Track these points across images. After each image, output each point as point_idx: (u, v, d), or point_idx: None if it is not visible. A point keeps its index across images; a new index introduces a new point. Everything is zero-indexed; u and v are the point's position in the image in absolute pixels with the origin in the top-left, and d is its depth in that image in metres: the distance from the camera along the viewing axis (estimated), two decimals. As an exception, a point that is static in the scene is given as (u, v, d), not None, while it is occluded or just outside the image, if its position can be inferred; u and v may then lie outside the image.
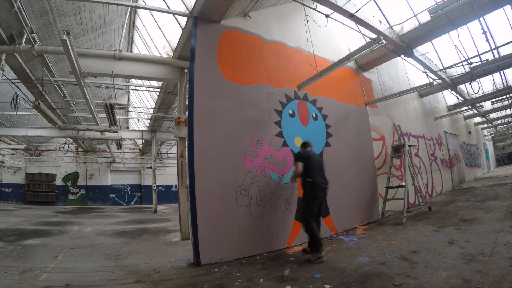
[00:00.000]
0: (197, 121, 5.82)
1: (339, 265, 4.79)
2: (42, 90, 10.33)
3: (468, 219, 7.07)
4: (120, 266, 5.58)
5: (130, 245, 7.78)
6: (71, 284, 4.49)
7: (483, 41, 9.13)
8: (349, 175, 8.33)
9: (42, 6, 8.58)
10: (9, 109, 12.46)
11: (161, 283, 4.48)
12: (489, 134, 31.78)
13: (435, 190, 13.08)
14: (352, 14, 6.75)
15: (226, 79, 6.42)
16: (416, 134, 12.48)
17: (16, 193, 22.90)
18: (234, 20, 6.91)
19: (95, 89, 15.50)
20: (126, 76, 10.71)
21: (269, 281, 4.28)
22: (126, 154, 27.03)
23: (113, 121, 12.57)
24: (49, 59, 9.77)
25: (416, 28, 8.44)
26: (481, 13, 7.46)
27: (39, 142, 23.29)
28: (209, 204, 5.62)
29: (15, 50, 7.84)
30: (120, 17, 12.03)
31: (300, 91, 7.67)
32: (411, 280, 3.80)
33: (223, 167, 5.93)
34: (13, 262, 5.76)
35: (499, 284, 3.36)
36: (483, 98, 14.68)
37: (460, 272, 3.86)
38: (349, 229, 7.81)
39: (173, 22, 8.67)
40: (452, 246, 5.14)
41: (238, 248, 5.76)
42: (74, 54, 6.95)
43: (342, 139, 8.43)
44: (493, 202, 8.94)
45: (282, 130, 7.05)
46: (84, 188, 25.31)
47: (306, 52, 8.03)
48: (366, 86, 10.08)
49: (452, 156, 16.82)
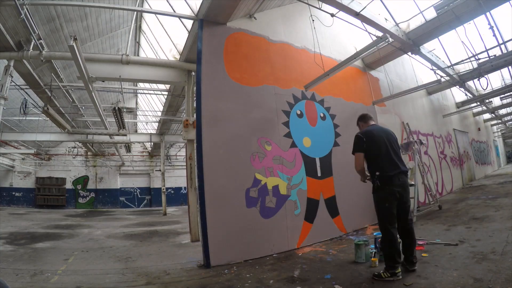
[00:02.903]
0: (205, 123, 5.84)
1: (349, 266, 4.76)
2: (50, 96, 10.45)
3: (479, 218, 6.99)
4: (130, 268, 5.61)
5: (140, 247, 7.83)
6: (82, 286, 4.54)
7: (490, 36, 9.04)
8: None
9: (49, 12, 8.67)
10: (18, 114, 12.58)
11: (171, 285, 4.50)
12: (499, 131, 31.39)
13: (445, 188, 12.96)
14: (358, 12, 6.72)
15: (233, 80, 6.43)
16: (425, 132, 12.37)
17: (27, 197, 23.12)
18: (240, 21, 6.92)
19: (103, 93, 15.64)
20: (133, 80, 10.81)
21: (279, 282, 4.27)
22: (135, 157, 27.16)
23: (122, 125, 12.66)
24: (57, 64, 9.88)
25: (423, 25, 8.37)
26: (488, 8, 7.38)
27: (48, 147, 23.49)
28: (218, 205, 5.64)
29: (23, 56, 7.94)
30: (127, 21, 12.10)
31: (307, 91, 7.65)
32: (422, 280, 3.77)
33: (231, 168, 5.94)
34: (24, 265, 5.82)
35: (511, 283, 3.32)
36: (491, 94, 14.53)
37: (471, 271, 3.82)
38: (359, 229, 7.78)
39: (179, 25, 8.70)
40: (463, 245, 5.09)
41: (247, 249, 5.76)
42: (82, 59, 7.02)
43: (350, 138, 8.29)
44: (504, 200, 8.82)
45: (290, 131, 7.04)
46: (94, 191, 25.48)
47: (313, 52, 8.01)
48: (374, 85, 10.03)
49: (462, 153, 16.63)
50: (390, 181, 4.19)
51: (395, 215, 4.17)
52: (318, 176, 7.30)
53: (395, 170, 4.25)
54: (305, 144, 7.17)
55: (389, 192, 4.16)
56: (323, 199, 7.25)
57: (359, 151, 4.47)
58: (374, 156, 4.39)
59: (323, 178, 7.40)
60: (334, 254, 5.62)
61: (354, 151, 4.54)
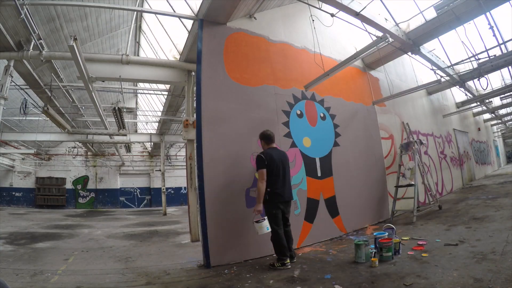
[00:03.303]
0: (205, 123, 5.83)
1: (349, 266, 4.77)
2: (50, 96, 10.45)
3: (479, 218, 7.00)
4: (130, 268, 5.61)
5: (140, 247, 7.83)
6: (82, 286, 4.53)
7: (490, 36, 9.05)
8: (358, 175, 8.29)
9: (49, 12, 8.67)
10: (18, 114, 12.59)
11: (171, 285, 4.49)
12: (499, 131, 31.43)
13: (445, 188, 12.96)
14: (358, 12, 6.72)
15: (233, 80, 6.42)
16: (425, 132, 12.38)
17: (27, 197, 23.17)
18: (240, 21, 6.92)
19: (103, 93, 15.65)
20: (133, 80, 10.81)
21: (279, 282, 4.27)
22: (135, 157, 27.20)
23: (122, 125, 12.67)
24: (57, 64, 9.88)
25: (423, 25, 8.37)
26: (488, 8, 7.37)
27: (48, 147, 23.53)
28: (218, 205, 5.63)
29: (23, 56, 7.94)
30: (127, 21, 12.10)
31: (307, 91, 7.65)
32: (422, 280, 3.77)
33: (232, 168, 5.93)
34: (24, 265, 5.82)
35: (511, 283, 3.32)
36: (491, 94, 14.54)
37: (471, 271, 3.82)
38: (359, 229, 7.77)
39: (179, 25, 8.70)
40: (463, 245, 5.10)
41: (247, 249, 5.75)
42: (82, 59, 7.02)
43: (350, 138, 8.39)
44: (504, 200, 8.83)
45: (290, 131, 7.03)
46: (94, 191, 25.53)
47: (313, 52, 8.01)
48: (374, 85, 10.03)
49: (462, 153, 16.64)
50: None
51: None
52: (318, 176, 7.30)
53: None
54: (305, 144, 7.17)
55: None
56: (323, 199, 7.24)
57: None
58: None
59: (323, 178, 7.40)
60: (334, 254, 5.62)
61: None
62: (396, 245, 5.03)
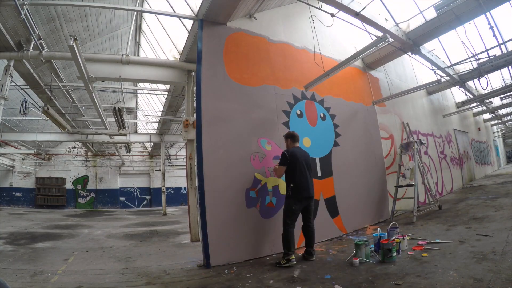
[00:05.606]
0: (205, 123, 5.83)
1: (349, 266, 4.77)
2: (50, 96, 10.45)
3: (479, 218, 6.99)
4: (130, 268, 5.61)
5: (140, 247, 7.83)
6: (82, 286, 4.53)
7: (490, 36, 9.05)
8: (358, 175, 8.30)
9: (49, 12, 8.67)
10: (18, 114, 12.59)
11: (171, 285, 4.50)
12: (499, 131, 31.43)
13: (445, 188, 12.97)
14: (358, 12, 6.72)
15: (233, 80, 6.42)
16: (425, 132, 12.38)
17: (27, 197, 23.16)
18: (240, 21, 6.92)
19: (103, 94, 15.66)
20: (133, 80, 10.80)
21: (279, 282, 4.27)
22: (135, 157, 27.20)
23: (122, 125, 12.66)
24: (57, 64, 9.87)
25: (423, 25, 8.37)
26: (488, 8, 7.38)
27: (48, 147, 23.54)
28: (218, 205, 5.63)
29: (23, 56, 7.94)
30: (127, 21, 12.11)
31: (307, 91, 7.65)
32: (422, 280, 3.77)
33: (232, 168, 5.93)
34: (24, 265, 5.82)
35: (511, 283, 3.32)
36: (491, 94, 14.54)
37: (471, 271, 3.81)
38: (359, 229, 7.77)
39: (179, 25, 8.70)
40: (463, 245, 5.10)
41: (247, 249, 5.76)
42: (82, 60, 7.02)
43: (350, 138, 8.39)
44: (504, 200, 8.82)
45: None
46: (94, 191, 25.52)
47: (313, 52, 8.01)
48: (374, 85, 10.03)
49: (462, 153, 16.64)
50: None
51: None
52: (318, 176, 7.29)
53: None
54: (305, 144, 7.16)
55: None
56: (323, 199, 7.24)
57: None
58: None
59: (323, 178, 7.40)
60: (334, 254, 5.62)
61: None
62: (397, 245, 5.04)
